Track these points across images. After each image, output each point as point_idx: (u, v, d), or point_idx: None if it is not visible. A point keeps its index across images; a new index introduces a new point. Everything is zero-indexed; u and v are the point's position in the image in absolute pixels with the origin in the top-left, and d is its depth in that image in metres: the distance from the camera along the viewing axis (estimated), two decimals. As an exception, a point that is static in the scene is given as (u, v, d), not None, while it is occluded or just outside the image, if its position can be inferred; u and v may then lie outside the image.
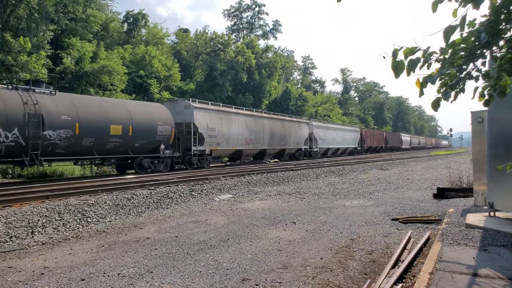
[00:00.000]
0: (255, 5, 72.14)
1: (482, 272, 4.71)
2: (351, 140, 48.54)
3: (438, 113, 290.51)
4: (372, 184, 16.62)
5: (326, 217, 9.22)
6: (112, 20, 42.00)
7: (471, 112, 8.96)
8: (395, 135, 75.04)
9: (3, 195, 10.56)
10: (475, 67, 3.25)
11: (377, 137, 60.24)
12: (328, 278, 5.01)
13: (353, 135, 49.36)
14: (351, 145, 48.28)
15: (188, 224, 8.85)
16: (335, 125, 47.82)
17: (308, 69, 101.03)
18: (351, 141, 48.42)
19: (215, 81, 46.81)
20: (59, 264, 5.93)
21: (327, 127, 42.26)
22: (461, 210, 8.95)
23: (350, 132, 48.70)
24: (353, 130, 50.79)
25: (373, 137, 57.63)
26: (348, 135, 47.66)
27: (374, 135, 59.28)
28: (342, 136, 45.49)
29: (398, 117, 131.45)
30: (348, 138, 47.60)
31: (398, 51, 3.25)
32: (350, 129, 50.28)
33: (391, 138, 68.74)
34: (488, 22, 2.97)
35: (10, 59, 24.57)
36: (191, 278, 5.12)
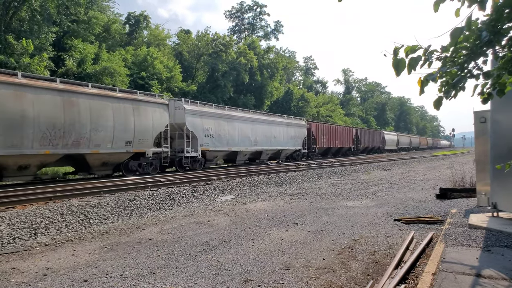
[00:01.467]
0: (257, 6, 72.22)
1: (485, 273, 4.69)
2: (289, 139, 32.54)
3: (440, 113, 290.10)
4: (374, 184, 16.60)
5: (329, 218, 9.21)
6: (114, 22, 42.09)
7: (474, 112, 8.94)
8: (373, 132, 59.44)
9: (6, 197, 10.58)
10: (476, 65, 3.24)
11: (339, 134, 43.60)
12: (331, 279, 5.00)
13: (292, 132, 33.20)
14: (288, 147, 32.49)
15: (190, 225, 8.86)
16: (250, 115, 29.34)
17: (309, 69, 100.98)
18: (288, 141, 32.38)
19: (217, 82, 46.84)
20: (62, 265, 5.93)
21: (230, 118, 25.75)
22: (464, 210, 8.92)
23: (285, 128, 32.15)
24: (292, 125, 33.83)
25: (331, 134, 41.20)
26: (281, 132, 31.44)
27: (334, 132, 42.30)
28: (265, 133, 29.30)
29: (400, 117, 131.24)
30: (282, 136, 31.47)
31: (399, 49, 3.24)
32: (286, 123, 32.84)
33: (365, 137, 53.14)
34: (490, 21, 2.96)
35: (12, 61, 24.66)
36: (193, 279, 5.12)
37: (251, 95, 53.01)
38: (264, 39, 73.80)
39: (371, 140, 55.69)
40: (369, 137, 55.15)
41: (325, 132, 40.02)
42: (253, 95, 53.49)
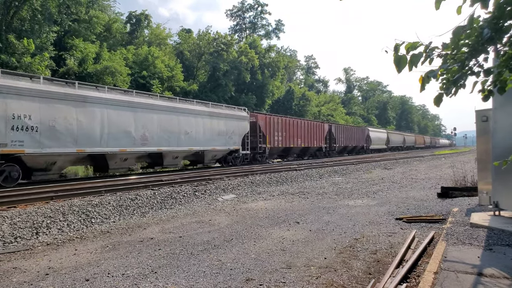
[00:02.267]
0: (258, 5, 72.11)
1: (487, 271, 4.68)
2: (216, 136, 23.38)
3: (441, 112, 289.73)
4: (376, 183, 16.58)
5: (330, 217, 9.20)
6: (115, 21, 42.09)
7: (476, 111, 8.92)
8: (354, 129, 49.26)
9: (8, 196, 10.61)
10: (477, 62, 3.24)
11: (304, 131, 34.65)
12: (332, 278, 5.00)
13: (222, 126, 23.93)
14: (214, 146, 23.12)
15: (192, 224, 8.86)
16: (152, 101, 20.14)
17: (311, 68, 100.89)
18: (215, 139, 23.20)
19: (218, 81, 46.81)
20: (63, 264, 5.94)
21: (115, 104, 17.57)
22: (466, 209, 8.91)
23: (207, 120, 22.89)
24: (222, 116, 24.25)
25: (291, 131, 32.26)
26: (201, 126, 22.30)
27: (295, 127, 33.09)
28: (167, 126, 20.08)
29: (401, 116, 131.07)
30: (202, 131, 22.38)
31: (400, 46, 3.24)
32: (209, 113, 23.27)
33: (343, 134, 43.93)
34: (492, 18, 2.96)
35: (14, 60, 24.69)
36: (195, 278, 5.12)
37: (252, 94, 52.98)
38: (265, 38, 73.72)
39: (351, 138, 46.80)
40: (348, 134, 45.87)
41: (281, 127, 30.46)
42: (254, 94, 53.45)
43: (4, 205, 9.56)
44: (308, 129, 35.55)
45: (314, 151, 38.37)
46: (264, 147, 28.54)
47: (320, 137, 37.99)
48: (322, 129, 38.64)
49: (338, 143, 42.42)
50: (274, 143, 29.80)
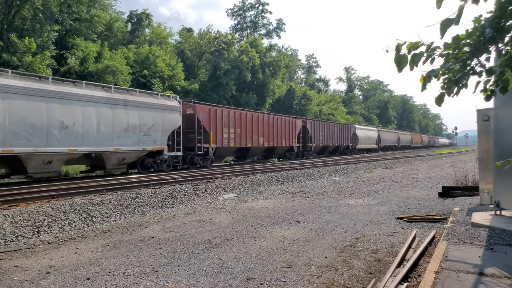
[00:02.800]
0: (259, 4, 72.10)
1: (488, 271, 4.68)
2: (123, 132, 17.00)
3: (443, 112, 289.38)
4: (376, 183, 16.57)
5: (331, 216, 9.20)
6: (116, 20, 42.13)
7: (477, 110, 8.90)
8: (337, 127, 43.01)
9: (9, 195, 10.62)
10: (479, 62, 3.24)
11: (267, 127, 28.62)
12: (333, 277, 5.00)
13: (133, 118, 17.54)
14: (118, 146, 16.76)
15: (193, 223, 8.86)
16: None
17: (312, 67, 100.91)
18: (120, 136, 16.81)
19: (219, 80, 46.82)
20: (64, 263, 5.95)
21: None
22: (467, 209, 8.90)
23: (106, 109, 16.39)
24: (133, 105, 17.64)
25: (249, 126, 26.53)
26: (94, 116, 15.84)
27: (256, 123, 27.28)
28: (22, 117, 13.45)
29: (402, 115, 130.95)
30: (95, 124, 15.88)
31: (402, 46, 3.23)
32: (110, 100, 16.66)
33: (322, 132, 38.07)
34: (493, 18, 2.96)
35: (15, 59, 24.72)
36: (196, 277, 5.12)
37: (253, 93, 52.98)
38: (266, 37, 73.79)
39: (333, 137, 40.88)
40: (328, 132, 39.68)
41: (233, 122, 24.33)
42: (255, 93, 53.46)
43: (5, 204, 9.57)
44: (274, 126, 29.37)
45: (284, 152, 31.89)
46: (207, 147, 22.38)
47: (291, 135, 31.77)
48: (293, 126, 32.24)
49: (315, 143, 36.45)
50: (223, 142, 23.47)
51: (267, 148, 29.49)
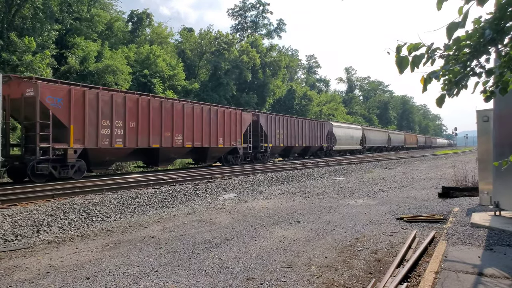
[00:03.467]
0: (259, 4, 72.14)
1: (487, 271, 4.69)
2: None
3: (443, 112, 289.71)
4: (376, 183, 16.58)
5: (331, 216, 9.21)
6: (117, 20, 42.14)
7: (477, 111, 8.91)
8: (306, 124, 34.66)
9: (9, 194, 10.62)
10: (479, 63, 3.24)
11: (188, 122, 20.57)
12: (333, 277, 5.00)
13: None
14: None
15: (193, 223, 8.87)
16: None
17: (312, 68, 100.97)
18: None
19: (219, 80, 46.84)
20: (64, 262, 5.96)
21: None
22: (466, 209, 8.91)
23: None
24: None
25: (154, 121, 18.37)
26: None
27: (167, 115, 19.21)
28: None
29: (403, 116, 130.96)
30: None
31: (402, 47, 3.25)
32: None
33: (282, 130, 30.42)
34: (493, 19, 2.96)
35: (14, 58, 24.72)
36: (196, 277, 5.13)
37: (254, 93, 53.00)
38: (267, 37, 73.82)
39: (301, 136, 33.25)
40: (293, 130, 32.06)
41: (122, 111, 16.85)
42: (256, 93, 53.47)
43: (5, 203, 9.57)
44: (205, 120, 21.88)
45: (224, 154, 24.63)
46: (61, 148, 15.07)
47: (234, 133, 24.61)
48: (237, 121, 25.02)
49: (273, 142, 29.01)
50: (101, 141, 15.89)
51: (192, 150, 21.55)
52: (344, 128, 45.09)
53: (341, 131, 42.75)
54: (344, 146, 43.33)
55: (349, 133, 45.21)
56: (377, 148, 56.54)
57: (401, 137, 69.23)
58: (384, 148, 59.11)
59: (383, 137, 59.01)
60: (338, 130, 41.93)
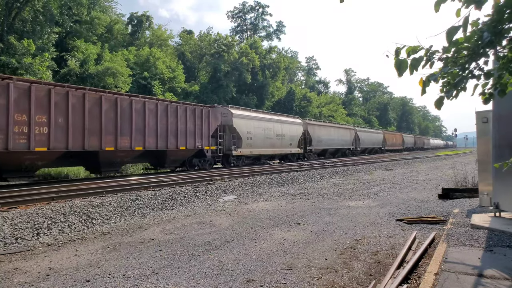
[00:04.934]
0: (259, 6, 72.30)
1: (487, 273, 4.69)
2: None
3: (442, 114, 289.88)
4: (376, 184, 16.58)
5: (331, 218, 9.21)
6: (117, 22, 42.23)
7: (476, 112, 8.93)
8: (185, 111, 20.82)
9: (9, 197, 10.62)
10: (478, 66, 3.26)
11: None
12: (333, 279, 5.00)
13: None
14: None
15: (193, 225, 8.87)
16: None
17: (312, 69, 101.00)
18: None
19: (219, 82, 46.90)
20: (64, 265, 5.95)
21: None
22: (466, 210, 8.91)
23: None
24: None
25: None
26: None
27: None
28: None
29: (402, 117, 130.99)
30: None
31: (401, 50, 3.26)
32: None
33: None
34: (491, 22, 2.97)
35: (14, 61, 24.73)
36: (196, 279, 5.13)
37: (253, 95, 53.03)
38: (266, 39, 73.96)
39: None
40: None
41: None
42: (255, 95, 53.52)
43: (5, 206, 9.57)
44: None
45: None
46: None
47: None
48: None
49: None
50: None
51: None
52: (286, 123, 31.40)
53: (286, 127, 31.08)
54: (262, 150, 28.32)
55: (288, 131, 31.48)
56: (336, 151, 42.16)
57: (377, 137, 56.25)
58: (349, 152, 45.37)
59: (347, 137, 44.17)
60: (239, 121, 25.57)
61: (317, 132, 36.76)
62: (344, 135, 43.75)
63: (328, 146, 39.62)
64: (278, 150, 30.08)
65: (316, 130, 36.75)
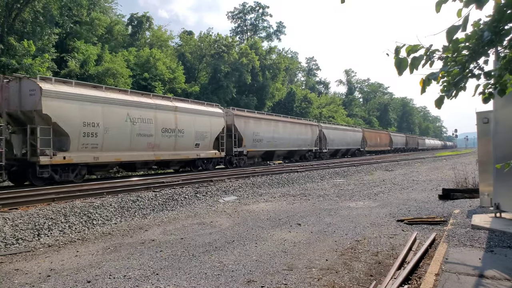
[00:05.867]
0: (259, 7, 72.32)
1: (488, 273, 4.68)
2: None
3: (443, 114, 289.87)
4: (377, 185, 16.57)
5: (331, 219, 9.20)
6: (117, 23, 42.28)
7: (476, 113, 8.91)
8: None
9: (10, 198, 10.62)
10: (478, 65, 3.26)
11: None
12: (334, 279, 5.00)
13: None
14: None
15: (193, 226, 8.87)
16: None
17: (312, 70, 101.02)
18: None
19: (219, 83, 46.91)
20: (65, 266, 5.95)
21: None
22: (467, 211, 8.90)
23: None
24: None
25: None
26: None
27: None
28: None
29: (402, 118, 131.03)
30: None
31: (401, 49, 3.26)
32: None
33: None
34: (492, 21, 2.98)
35: (14, 62, 24.76)
36: (197, 280, 5.13)
37: (253, 95, 53.04)
38: (266, 40, 73.97)
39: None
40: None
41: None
42: (256, 95, 53.53)
43: (5, 207, 9.57)
44: None
45: None
46: None
47: None
48: None
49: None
50: None
51: None
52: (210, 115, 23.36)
53: (203, 119, 22.68)
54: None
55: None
56: (288, 153, 33.18)
57: (354, 136, 45.98)
58: (311, 155, 36.25)
59: (308, 136, 34.74)
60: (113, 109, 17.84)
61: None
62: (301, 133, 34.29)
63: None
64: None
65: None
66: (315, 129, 37.30)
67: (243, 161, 26.71)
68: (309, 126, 36.44)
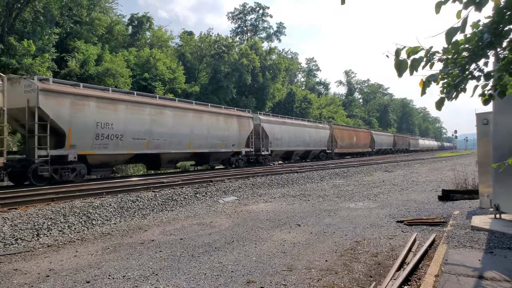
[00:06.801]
0: (259, 7, 72.31)
1: (488, 274, 4.68)
2: None
3: (443, 115, 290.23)
4: (376, 186, 16.57)
5: (331, 219, 9.20)
6: (117, 23, 42.24)
7: (476, 114, 8.92)
8: None
9: (9, 198, 10.62)
10: (477, 67, 3.26)
11: None
12: (333, 280, 5.00)
13: None
14: None
15: (193, 226, 8.86)
16: None
17: (312, 71, 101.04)
18: None
19: (219, 83, 46.87)
20: (64, 266, 5.95)
21: None
22: (467, 212, 8.90)
23: None
24: None
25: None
26: None
27: None
28: None
29: (402, 119, 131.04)
30: None
31: (401, 50, 3.26)
32: None
33: None
34: (491, 23, 2.98)
35: (14, 62, 24.75)
36: (196, 280, 5.12)
37: (253, 96, 53.02)
38: (267, 40, 73.92)
39: None
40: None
41: None
42: (255, 96, 53.49)
43: (5, 207, 9.57)
44: None
45: None
46: None
47: None
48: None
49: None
50: None
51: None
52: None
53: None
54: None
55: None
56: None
57: (321, 134, 37.98)
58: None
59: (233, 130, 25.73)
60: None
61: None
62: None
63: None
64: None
65: None
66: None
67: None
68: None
